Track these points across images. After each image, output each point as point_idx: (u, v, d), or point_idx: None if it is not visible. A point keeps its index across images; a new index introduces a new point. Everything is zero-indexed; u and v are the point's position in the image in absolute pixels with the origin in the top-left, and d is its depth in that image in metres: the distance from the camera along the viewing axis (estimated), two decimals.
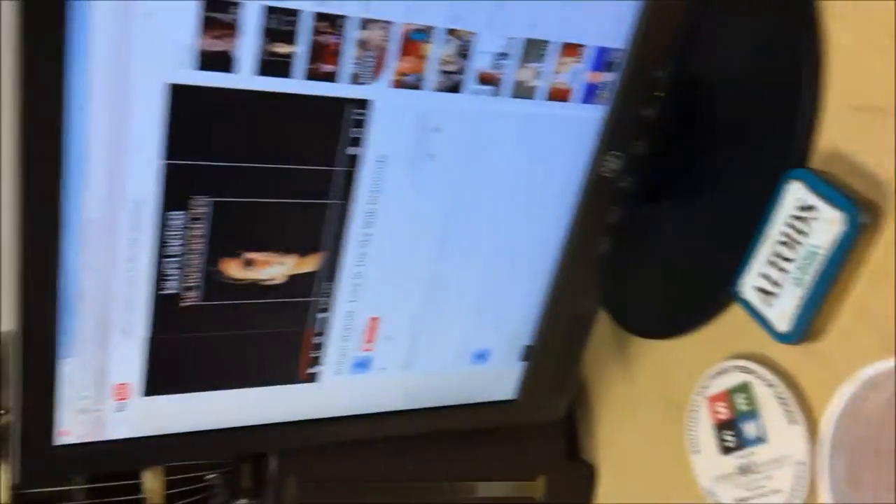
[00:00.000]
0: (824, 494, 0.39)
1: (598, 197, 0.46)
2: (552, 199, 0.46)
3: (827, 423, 0.39)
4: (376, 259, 0.44)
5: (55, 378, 0.39)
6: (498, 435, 0.56)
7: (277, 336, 0.44)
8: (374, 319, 0.46)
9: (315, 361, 0.46)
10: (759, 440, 0.45)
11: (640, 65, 0.43)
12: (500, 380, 0.52)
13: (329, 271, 0.43)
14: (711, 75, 0.48)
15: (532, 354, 0.51)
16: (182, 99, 0.36)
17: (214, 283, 0.41)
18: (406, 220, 0.43)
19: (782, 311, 0.42)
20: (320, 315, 0.44)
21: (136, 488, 0.48)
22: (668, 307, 0.51)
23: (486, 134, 0.42)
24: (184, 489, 0.49)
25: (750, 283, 0.44)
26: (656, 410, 0.53)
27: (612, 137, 0.44)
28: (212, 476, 0.51)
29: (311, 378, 0.46)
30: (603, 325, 0.56)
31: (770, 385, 0.45)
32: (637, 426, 0.55)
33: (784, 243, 0.42)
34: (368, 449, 0.54)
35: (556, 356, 0.51)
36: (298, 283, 0.43)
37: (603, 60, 0.42)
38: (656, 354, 0.53)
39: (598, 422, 0.59)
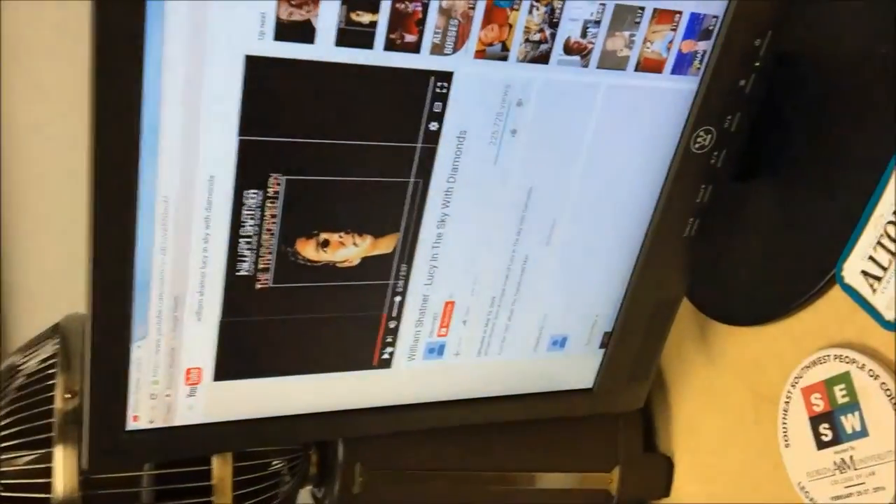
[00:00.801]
0: None
1: (687, 174, 0.43)
2: (639, 178, 0.43)
3: None
4: (453, 240, 0.42)
5: (128, 362, 0.38)
6: (571, 424, 0.54)
7: (351, 320, 0.42)
8: (449, 303, 0.44)
9: (388, 346, 0.44)
10: (860, 434, 0.42)
11: (738, 33, 0.40)
12: (578, 368, 0.49)
13: (404, 253, 0.41)
14: (817, 44, 0.44)
15: (612, 342, 0.48)
16: (259, 71, 0.34)
17: (289, 265, 0.39)
18: (485, 199, 0.41)
19: (891, 298, 0.39)
20: (395, 299, 0.43)
21: (205, 474, 0.47)
22: (758, 292, 0.48)
23: (571, 107, 0.40)
24: (251, 476, 0.48)
25: (855, 268, 0.41)
26: (743, 401, 0.51)
27: (706, 111, 0.42)
28: (278, 463, 0.50)
29: (384, 364, 0.45)
30: (683, 311, 0.54)
31: (873, 375, 0.42)
32: (720, 418, 0.53)
33: (895, 223, 0.39)
34: (436, 437, 0.53)
35: (638, 344, 0.49)
36: (373, 266, 0.41)
37: (698, 28, 0.40)
38: (743, 342, 0.51)
39: (677, 413, 0.57)
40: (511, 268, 0.44)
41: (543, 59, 0.38)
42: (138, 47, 0.32)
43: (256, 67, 0.34)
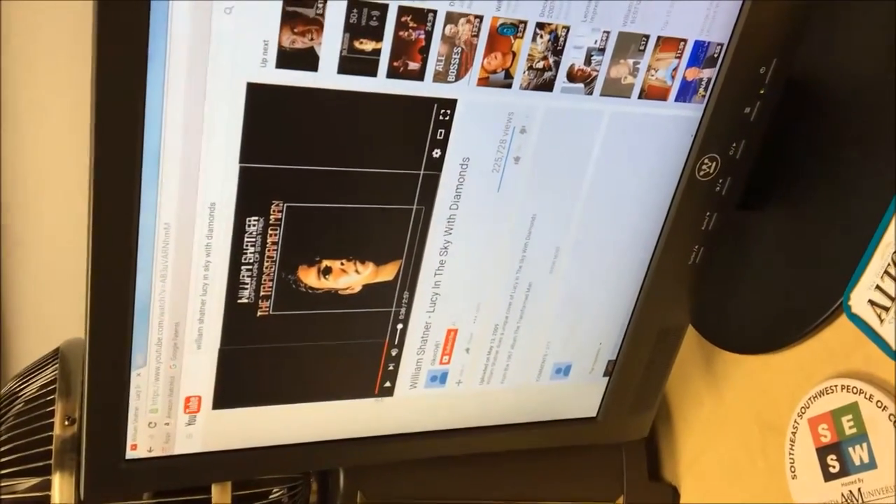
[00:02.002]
0: None
1: (693, 202, 0.43)
2: (643, 205, 0.43)
3: None
4: (456, 268, 0.42)
5: (127, 390, 0.38)
6: (575, 453, 0.54)
7: (352, 348, 0.42)
8: (452, 331, 0.44)
9: (390, 375, 0.44)
10: (868, 466, 0.42)
11: (743, 60, 0.40)
12: (582, 396, 0.49)
13: (407, 280, 0.41)
14: (821, 73, 0.44)
15: (616, 370, 0.48)
16: (261, 99, 0.34)
17: (290, 292, 0.39)
18: (488, 226, 0.41)
19: None
20: (397, 326, 0.42)
21: (205, 503, 0.46)
22: (764, 320, 0.48)
23: (575, 135, 0.40)
24: None
25: (862, 298, 0.40)
26: (749, 431, 0.50)
27: (710, 139, 0.41)
28: (278, 491, 0.50)
29: (386, 392, 0.44)
30: (688, 338, 0.53)
31: (881, 406, 0.41)
32: (726, 447, 0.52)
33: None
34: (438, 465, 0.52)
35: (642, 372, 0.48)
36: (375, 293, 0.41)
37: (703, 56, 0.39)
38: (749, 371, 0.50)
39: (682, 442, 0.56)
40: (514, 295, 0.44)
41: (547, 86, 0.38)
42: (140, 73, 0.32)
43: (258, 95, 0.34)
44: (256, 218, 0.36)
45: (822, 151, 0.44)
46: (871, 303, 0.40)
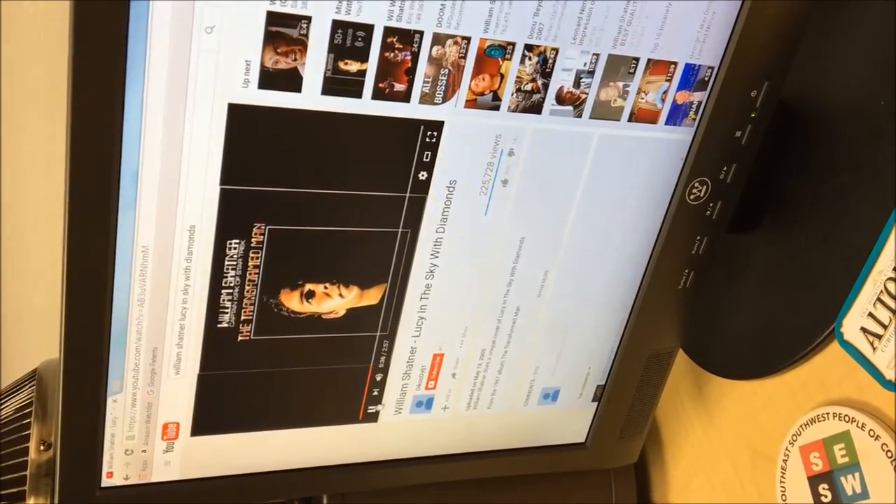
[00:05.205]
0: None
1: (682, 225, 0.42)
2: (633, 229, 0.42)
3: None
4: (442, 291, 0.41)
5: (102, 417, 0.37)
6: (564, 479, 0.53)
7: (335, 373, 0.41)
8: (438, 356, 0.43)
9: (375, 400, 0.43)
10: (860, 496, 0.41)
11: (734, 83, 0.39)
12: (570, 422, 0.48)
13: (392, 304, 0.40)
14: (813, 96, 0.44)
15: (605, 395, 0.47)
16: (243, 120, 0.33)
17: (272, 316, 0.38)
18: (475, 250, 0.40)
19: (892, 357, 0.38)
20: (381, 351, 0.41)
21: None
22: (755, 346, 0.47)
23: (564, 158, 0.39)
24: None
25: (854, 325, 0.40)
26: (740, 458, 0.49)
27: (701, 162, 0.41)
28: None
29: (370, 418, 0.43)
30: (679, 363, 0.53)
31: (874, 436, 0.40)
32: (716, 473, 0.51)
33: (895, 280, 0.38)
34: (424, 492, 0.51)
35: (631, 397, 0.48)
36: (359, 317, 0.40)
37: (693, 79, 0.39)
38: (739, 397, 0.49)
39: (672, 467, 0.55)
40: (502, 319, 0.43)
41: (536, 109, 0.37)
42: (118, 93, 0.31)
43: (240, 116, 0.33)
44: (237, 241, 0.35)
45: (814, 176, 0.44)
46: (864, 330, 0.39)
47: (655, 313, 0.45)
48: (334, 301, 0.39)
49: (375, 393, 0.42)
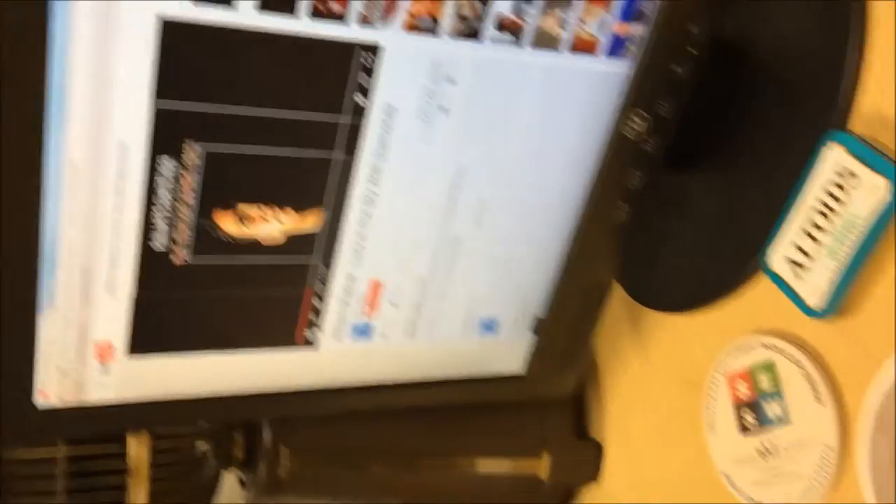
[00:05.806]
0: (862, 476, 0.36)
1: (619, 159, 0.43)
2: (571, 160, 0.43)
3: (872, 399, 0.36)
4: (381, 219, 0.41)
5: (34, 333, 0.37)
6: (502, 409, 0.54)
7: (274, 298, 0.41)
8: (376, 284, 0.43)
9: (313, 325, 0.43)
10: (782, 421, 0.43)
11: (673, 18, 0.40)
12: (508, 353, 0.49)
13: (330, 231, 0.40)
14: (748, 32, 0.44)
15: (542, 327, 0.48)
16: (175, 35, 0.33)
17: (208, 239, 0.38)
18: (414, 178, 0.40)
19: (814, 285, 0.39)
20: (320, 277, 0.42)
21: (121, 454, 0.45)
22: (687, 279, 0.48)
23: (503, 87, 0.39)
24: (171, 457, 0.47)
25: (780, 254, 0.41)
26: (671, 388, 0.51)
27: (638, 95, 0.41)
28: (201, 445, 0.49)
29: (308, 343, 0.44)
30: (615, 297, 0.54)
31: (796, 363, 0.42)
32: (650, 404, 0.53)
33: (819, 212, 0.39)
34: (366, 421, 0.52)
35: (568, 329, 0.49)
36: (298, 244, 0.40)
37: (633, 11, 0.39)
38: (673, 329, 0.51)
39: (608, 399, 0.57)
40: (440, 249, 0.43)
41: (475, 35, 0.37)
42: (41, 5, 0.30)
43: (172, 31, 0.32)
44: (170, 159, 0.35)
45: (747, 111, 0.45)
46: (789, 259, 0.41)
47: (592, 245, 0.46)
48: (272, 226, 0.39)
49: (313, 318, 0.43)
